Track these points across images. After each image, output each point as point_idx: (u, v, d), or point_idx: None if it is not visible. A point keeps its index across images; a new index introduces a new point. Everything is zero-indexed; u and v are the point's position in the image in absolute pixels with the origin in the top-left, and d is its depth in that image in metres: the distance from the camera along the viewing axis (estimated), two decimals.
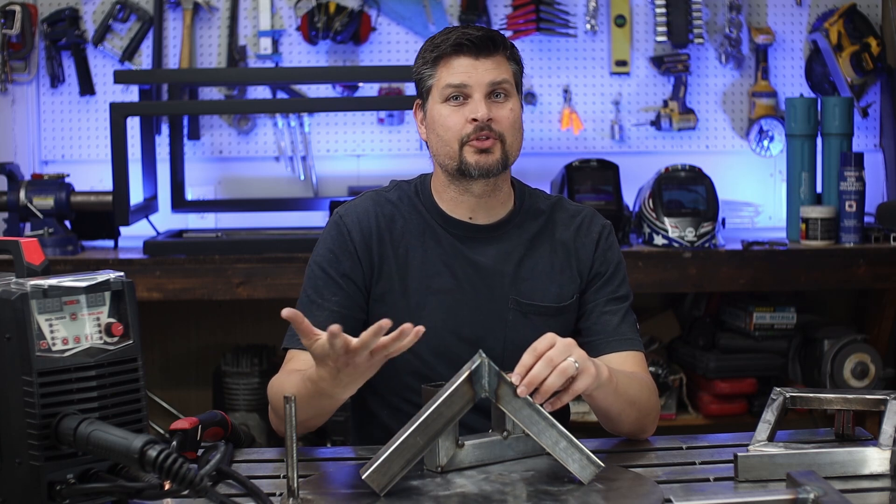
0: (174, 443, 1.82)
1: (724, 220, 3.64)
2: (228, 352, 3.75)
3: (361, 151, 3.94)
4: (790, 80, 3.96)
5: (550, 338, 1.75)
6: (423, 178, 2.16)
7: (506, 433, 1.80)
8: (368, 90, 3.88)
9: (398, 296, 2.09)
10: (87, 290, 1.59)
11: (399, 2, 3.86)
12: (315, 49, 3.88)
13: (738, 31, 3.89)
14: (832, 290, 3.93)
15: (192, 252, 3.38)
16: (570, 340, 1.76)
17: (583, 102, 3.94)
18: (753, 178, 4.01)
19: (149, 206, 3.66)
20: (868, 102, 3.93)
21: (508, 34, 3.79)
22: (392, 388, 2.10)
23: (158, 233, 3.67)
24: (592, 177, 3.64)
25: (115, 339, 1.60)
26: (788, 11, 3.95)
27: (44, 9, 3.81)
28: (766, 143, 3.91)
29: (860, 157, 3.59)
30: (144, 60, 3.85)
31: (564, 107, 3.92)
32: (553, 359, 1.72)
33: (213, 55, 3.87)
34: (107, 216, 3.54)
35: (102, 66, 3.85)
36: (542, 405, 1.73)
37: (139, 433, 1.49)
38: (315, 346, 1.72)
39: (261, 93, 3.91)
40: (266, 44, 3.85)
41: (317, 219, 3.80)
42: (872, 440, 1.90)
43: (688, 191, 3.59)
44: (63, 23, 3.79)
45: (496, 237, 2.12)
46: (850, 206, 3.55)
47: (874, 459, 1.74)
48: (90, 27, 3.84)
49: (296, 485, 1.61)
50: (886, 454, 1.74)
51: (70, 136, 3.89)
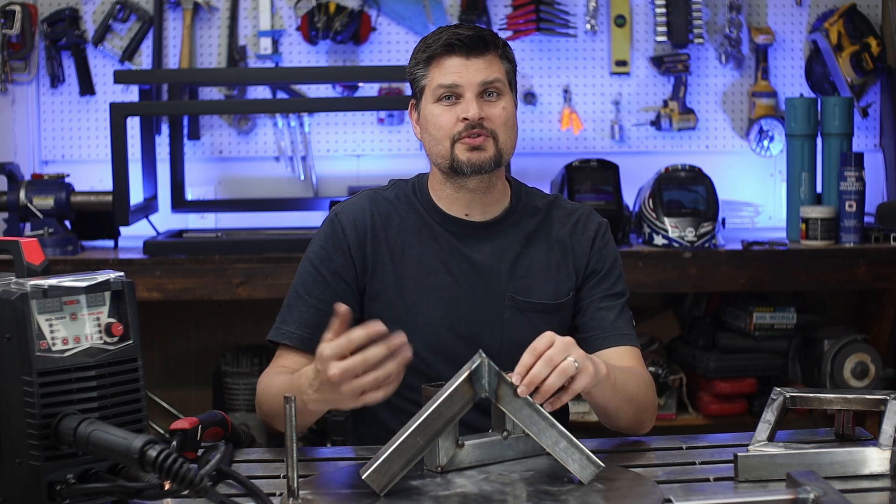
0: (174, 443, 1.82)
1: (724, 220, 3.64)
2: (228, 352, 3.75)
3: (361, 151, 3.94)
4: (790, 80, 3.96)
5: (549, 336, 1.75)
6: (421, 177, 2.18)
7: (506, 433, 1.80)
8: (368, 90, 3.88)
9: (394, 293, 2.09)
10: (87, 290, 1.59)
11: (399, 2, 3.86)
12: (315, 49, 3.88)
13: (738, 31, 3.88)
14: (832, 290, 3.92)
15: (192, 252, 3.38)
16: (569, 339, 1.75)
17: (583, 102, 3.94)
18: (753, 178, 4.00)
19: (149, 206, 3.66)
20: (868, 102, 3.93)
21: (508, 34, 3.79)
22: None
23: (158, 233, 3.67)
24: (592, 177, 3.64)
25: (115, 339, 1.60)
26: (788, 11, 3.95)
27: (44, 9, 3.81)
28: (766, 143, 3.91)
29: (860, 157, 3.59)
30: (144, 60, 3.85)
31: (564, 107, 3.92)
32: (553, 358, 1.71)
33: (213, 55, 3.87)
34: (107, 216, 3.54)
35: (102, 66, 3.85)
36: (542, 405, 1.73)
37: (139, 433, 1.49)
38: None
39: (261, 93, 3.91)
40: (266, 44, 3.85)
41: (317, 219, 3.78)
42: (872, 440, 1.90)
43: (688, 191, 3.59)
44: (63, 23, 3.79)
45: (492, 234, 2.12)
46: (850, 206, 3.55)
47: (874, 459, 1.74)
48: (90, 27, 3.84)
49: (296, 485, 1.61)
50: (886, 454, 1.74)
51: (70, 136, 3.89)
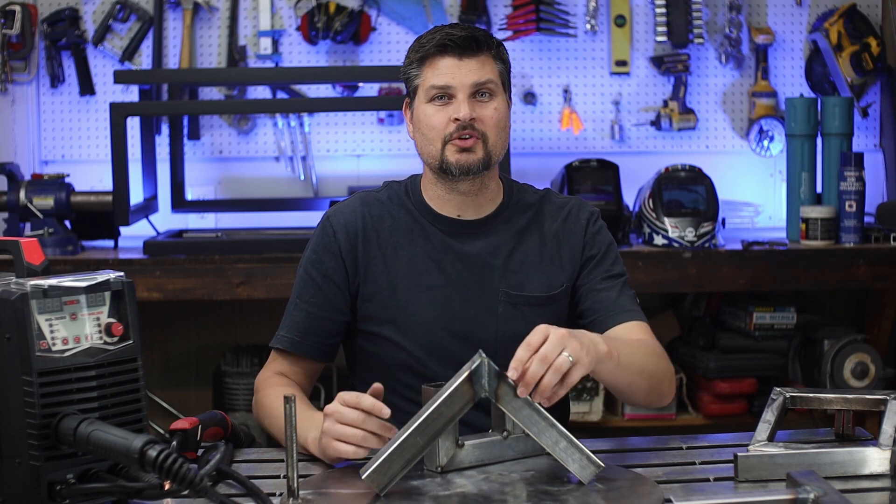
0: (174, 443, 1.82)
1: (724, 220, 3.64)
2: (228, 352, 3.75)
3: (361, 151, 3.94)
4: (790, 80, 3.96)
5: (543, 330, 1.74)
6: (414, 178, 2.19)
7: (506, 433, 1.80)
8: (368, 90, 3.87)
9: (388, 294, 2.10)
10: (87, 290, 1.59)
11: (399, 2, 3.86)
12: (315, 49, 3.88)
13: (738, 31, 3.88)
14: (832, 290, 3.92)
15: (192, 252, 3.38)
16: (564, 331, 1.74)
17: (583, 102, 3.93)
18: (753, 178, 4.00)
19: (149, 206, 3.66)
20: (868, 102, 3.93)
21: (508, 34, 3.79)
22: (387, 386, 2.09)
23: (158, 233, 3.67)
24: (592, 177, 3.64)
25: (115, 339, 1.60)
26: (788, 11, 3.95)
27: (44, 9, 3.81)
28: (766, 143, 3.91)
29: (860, 157, 3.59)
30: (144, 60, 3.85)
31: (564, 107, 3.92)
32: (548, 356, 1.70)
33: (213, 55, 3.87)
34: (107, 216, 3.54)
35: (102, 66, 3.85)
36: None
37: (139, 433, 1.49)
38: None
39: (261, 93, 3.91)
40: (266, 44, 3.85)
41: (317, 219, 3.74)
42: (872, 440, 1.90)
43: (688, 191, 3.59)
44: (63, 23, 3.79)
45: (484, 232, 2.13)
46: (850, 206, 3.55)
47: (874, 459, 1.74)
48: (90, 27, 3.84)
49: (296, 485, 1.61)
50: (886, 454, 1.74)
51: (70, 136, 3.89)
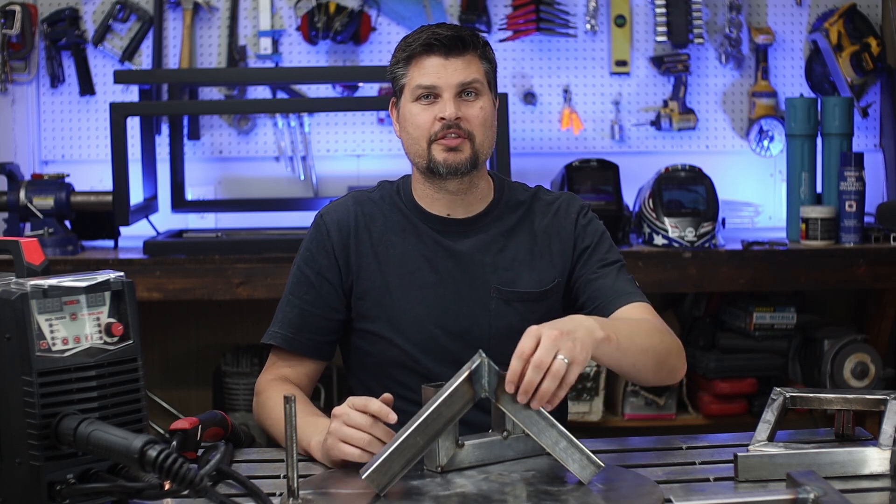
0: (174, 443, 1.82)
1: (724, 220, 3.64)
2: (228, 352, 3.75)
3: (361, 151, 3.94)
4: (790, 80, 3.96)
5: (535, 333, 1.71)
6: (406, 178, 2.21)
7: (506, 433, 1.80)
8: (368, 90, 3.87)
9: (381, 292, 2.11)
10: (87, 290, 1.59)
11: (399, 2, 3.86)
12: (315, 49, 3.88)
13: (738, 31, 3.88)
14: (832, 290, 3.92)
15: (192, 252, 3.38)
16: (555, 332, 1.71)
17: (583, 102, 3.93)
18: (753, 178, 4.00)
19: (149, 206, 3.66)
20: (868, 102, 3.93)
21: (508, 34, 3.79)
22: (384, 386, 2.10)
23: (158, 233, 3.67)
24: (592, 177, 3.64)
25: (115, 339, 1.60)
26: (788, 11, 3.95)
27: (44, 9, 3.81)
28: (766, 143, 3.91)
29: (860, 157, 3.59)
30: (144, 60, 3.85)
31: (564, 107, 3.92)
32: (543, 362, 1.68)
33: (213, 55, 3.87)
34: (107, 216, 3.54)
35: (102, 66, 3.85)
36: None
37: (139, 433, 1.49)
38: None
39: (261, 93, 3.91)
40: (266, 44, 3.85)
41: None
42: (872, 440, 1.90)
43: (688, 191, 3.59)
44: (63, 23, 3.79)
45: (475, 230, 2.14)
46: (850, 206, 3.55)
47: (874, 459, 1.74)
48: (90, 27, 3.84)
49: (296, 485, 1.61)
50: (886, 454, 1.74)
51: (70, 136, 3.89)
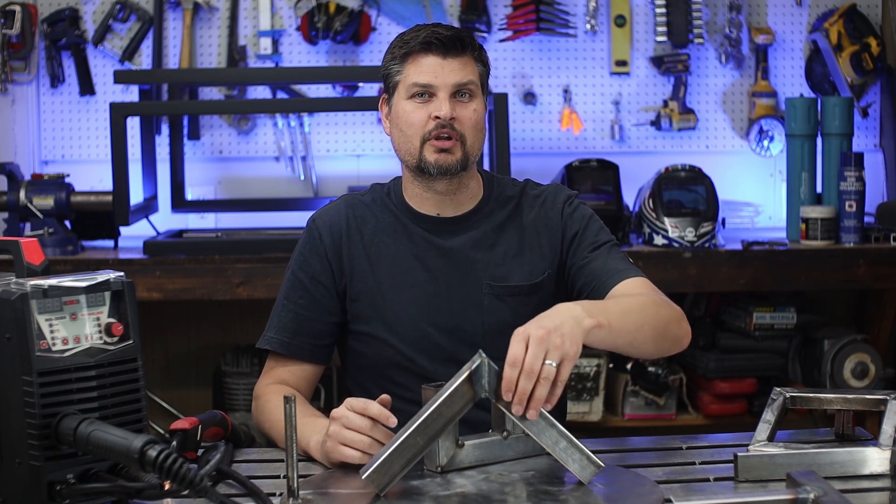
0: (174, 443, 1.82)
1: (724, 220, 3.64)
2: (228, 352, 3.75)
3: (361, 151, 3.94)
4: (790, 80, 3.96)
5: (522, 336, 1.70)
6: (397, 179, 2.20)
7: (506, 433, 1.80)
8: (368, 90, 3.87)
9: (374, 293, 2.12)
10: (87, 290, 1.59)
11: (399, 2, 3.86)
12: (315, 49, 3.88)
13: (738, 31, 3.88)
14: (832, 290, 3.92)
15: (192, 252, 3.38)
16: (542, 331, 1.69)
17: (583, 102, 3.93)
18: (753, 178, 4.00)
19: (149, 206, 3.66)
20: (868, 102, 3.93)
21: (508, 34, 3.79)
22: (380, 386, 2.10)
23: (158, 233, 3.67)
24: (592, 177, 3.64)
25: (115, 339, 1.60)
26: (788, 11, 3.95)
27: (44, 9, 3.81)
28: (766, 143, 3.91)
29: (860, 157, 3.59)
30: (144, 60, 3.85)
31: (564, 107, 3.92)
32: (533, 369, 1.67)
33: (213, 55, 3.87)
34: (107, 216, 3.54)
35: (102, 66, 3.85)
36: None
37: (139, 433, 1.49)
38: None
39: (261, 93, 3.91)
40: (266, 44, 3.85)
41: None
42: (872, 440, 1.90)
43: (688, 191, 3.59)
44: (63, 23, 3.79)
45: (465, 227, 2.14)
46: (850, 206, 3.55)
47: (874, 459, 1.74)
48: (90, 27, 3.84)
49: (296, 485, 1.61)
50: (886, 454, 1.74)
51: (70, 136, 3.89)
